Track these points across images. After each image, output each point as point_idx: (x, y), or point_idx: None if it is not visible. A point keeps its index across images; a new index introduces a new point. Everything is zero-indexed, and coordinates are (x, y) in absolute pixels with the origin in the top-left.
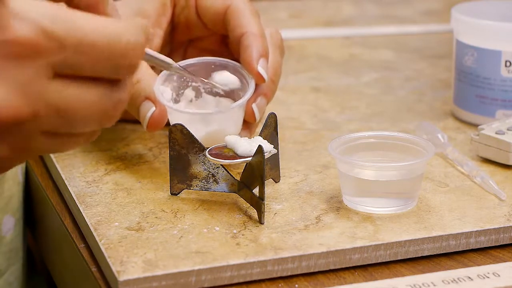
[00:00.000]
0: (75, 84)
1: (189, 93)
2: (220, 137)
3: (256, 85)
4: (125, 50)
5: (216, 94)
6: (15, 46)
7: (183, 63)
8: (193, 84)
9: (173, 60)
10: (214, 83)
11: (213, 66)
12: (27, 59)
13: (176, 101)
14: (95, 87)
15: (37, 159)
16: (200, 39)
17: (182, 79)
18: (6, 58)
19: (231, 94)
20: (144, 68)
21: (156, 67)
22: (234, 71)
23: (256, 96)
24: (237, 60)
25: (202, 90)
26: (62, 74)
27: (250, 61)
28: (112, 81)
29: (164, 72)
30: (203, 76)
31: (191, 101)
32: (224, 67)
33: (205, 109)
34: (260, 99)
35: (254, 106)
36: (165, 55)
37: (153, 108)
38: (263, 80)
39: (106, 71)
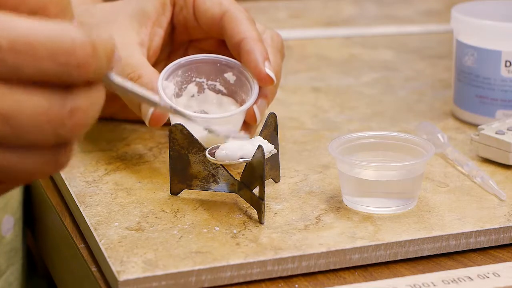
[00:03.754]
0: (19, 89)
1: (192, 88)
2: (220, 138)
3: (259, 88)
4: (71, 47)
5: (218, 92)
6: None
7: (189, 58)
8: (197, 79)
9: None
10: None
11: (218, 65)
12: None
13: (178, 95)
14: (43, 93)
15: None
16: (200, 40)
17: (187, 74)
18: None
19: (232, 93)
20: (145, 64)
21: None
22: (238, 73)
23: (257, 99)
24: None
25: (205, 87)
26: (2, 78)
27: (257, 65)
28: (65, 87)
29: (169, 67)
30: (208, 73)
31: (192, 96)
32: (230, 67)
33: (206, 106)
34: (261, 102)
35: (255, 108)
36: (166, 55)
37: None
38: (272, 82)
39: (52, 72)
